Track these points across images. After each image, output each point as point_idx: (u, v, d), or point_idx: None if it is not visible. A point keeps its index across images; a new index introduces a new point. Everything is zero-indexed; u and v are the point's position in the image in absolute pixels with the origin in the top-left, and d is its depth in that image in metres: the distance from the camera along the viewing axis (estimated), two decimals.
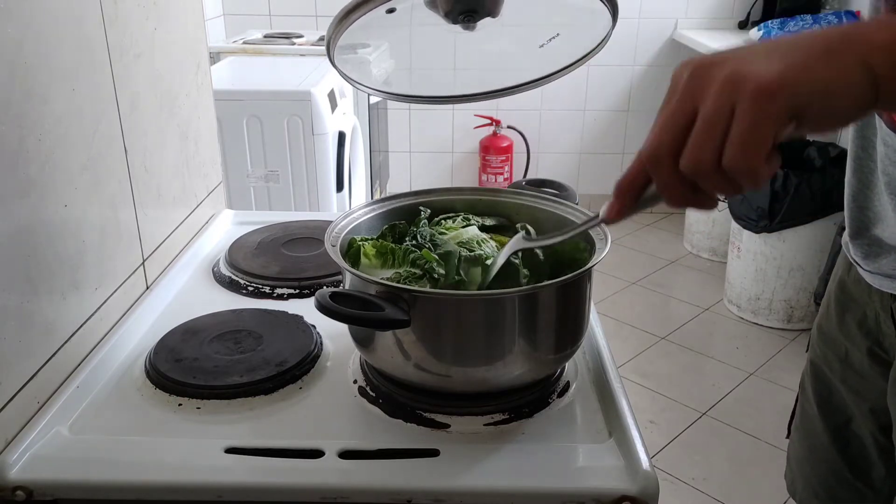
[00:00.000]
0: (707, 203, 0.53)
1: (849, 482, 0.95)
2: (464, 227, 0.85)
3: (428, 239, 0.82)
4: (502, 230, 0.88)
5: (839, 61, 0.47)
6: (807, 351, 1.02)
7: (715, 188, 0.50)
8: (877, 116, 0.78)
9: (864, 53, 0.47)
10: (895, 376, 0.82)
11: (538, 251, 0.81)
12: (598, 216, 0.63)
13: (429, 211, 0.88)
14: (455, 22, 0.82)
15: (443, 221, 0.87)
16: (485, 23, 0.84)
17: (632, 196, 0.56)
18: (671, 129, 0.50)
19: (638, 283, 3.08)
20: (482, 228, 0.86)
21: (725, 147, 0.47)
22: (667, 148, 0.50)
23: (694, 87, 0.49)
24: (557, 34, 0.82)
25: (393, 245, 0.82)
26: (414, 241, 0.82)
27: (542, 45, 0.82)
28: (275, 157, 2.07)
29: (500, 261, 0.77)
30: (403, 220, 0.88)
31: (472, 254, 0.79)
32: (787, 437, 1.08)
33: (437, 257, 0.78)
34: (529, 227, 0.85)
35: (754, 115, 0.46)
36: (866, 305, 0.87)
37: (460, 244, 0.81)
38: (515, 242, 0.78)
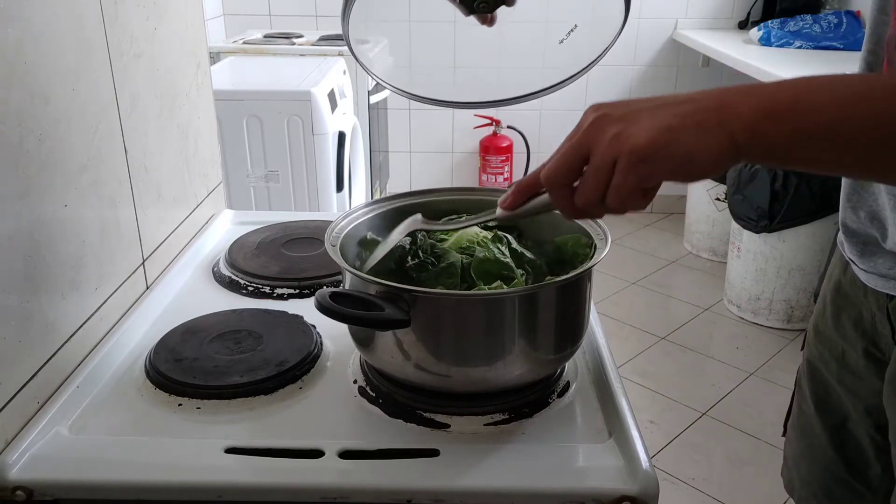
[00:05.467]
0: (595, 217, 0.66)
1: (846, 481, 0.96)
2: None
3: (429, 252, 0.82)
4: (504, 228, 0.88)
5: (707, 134, 0.56)
6: (802, 349, 1.02)
7: (601, 214, 0.63)
8: None
9: (730, 127, 0.55)
10: (891, 376, 0.82)
11: (528, 251, 0.82)
12: (495, 212, 0.71)
13: (423, 232, 0.87)
14: (471, 12, 0.81)
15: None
16: (499, 23, 0.83)
17: (525, 195, 0.67)
18: (567, 164, 0.60)
19: (638, 283, 3.08)
20: (483, 228, 0.86)
21: (607, 193, 0.59)
22: (562, 178, 0.61)
23: (591, 134, 0.59)
24: (576, 26, 0.82)
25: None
26: (417, 261, 0.81)
27: (562, 41, 0.82)
28: (275, 157, 2.07)
29: (395, 238, 0.80)
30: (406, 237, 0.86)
31: (472, 258, 0.79)
32: (784, 435, 1.08)
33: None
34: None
35: (626, 172, 0.57)
36: (862, 305, 0.87)
37: (461, 250, 0.81)
38: (411, 223, 0.82)
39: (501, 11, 0.83)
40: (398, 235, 0.81)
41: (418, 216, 0.84)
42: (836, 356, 0.92)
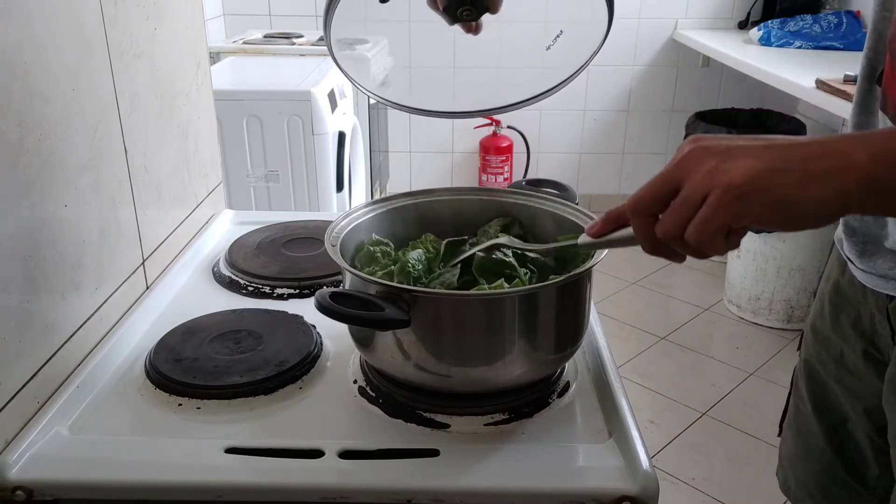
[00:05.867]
0: (674, 258, 0.61)
1: (843, 481, 0.95)
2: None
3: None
4: (505, 229, 0.88)
5: (813, 182, 0.53)
6: (798, 350, 1.02)
7: (680, 251, 0.59)
8: (880, 112, 0.78)
9: (842, 177, 0.53)
10: (891, 377, 0.82)
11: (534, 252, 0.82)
12: (577, 239, 0.70)
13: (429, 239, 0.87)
14: (455, 21, 0.82)
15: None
16: (486, 31, 0.83)
17: (613, 225, 0.65)
18: (655, 193, 0.58)
19: (638, 283, 3.08)
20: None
21: (688, 226, 0.56)
22: (647, 207, 0.58)
23: (686, 165, 0.56)
24: (561, 31, 0.82)
25: None
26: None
27: (548, 47, 0.82)
28: (275, 157, 2.07)
29: (481, 248, 0.79)
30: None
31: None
32: (779, 435, 1.08)
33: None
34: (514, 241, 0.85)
35: (716, 208, 0.54)
36: (861, 306, 0.87)
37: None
38: (499, 239, 0.81)
39: (489, 19, 0.83)
40: (478, 248, 0.80)
41: (506, 238, 0.83)
42: (835, 357, 0.92)
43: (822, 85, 2.17)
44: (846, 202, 0.54)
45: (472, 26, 0.83)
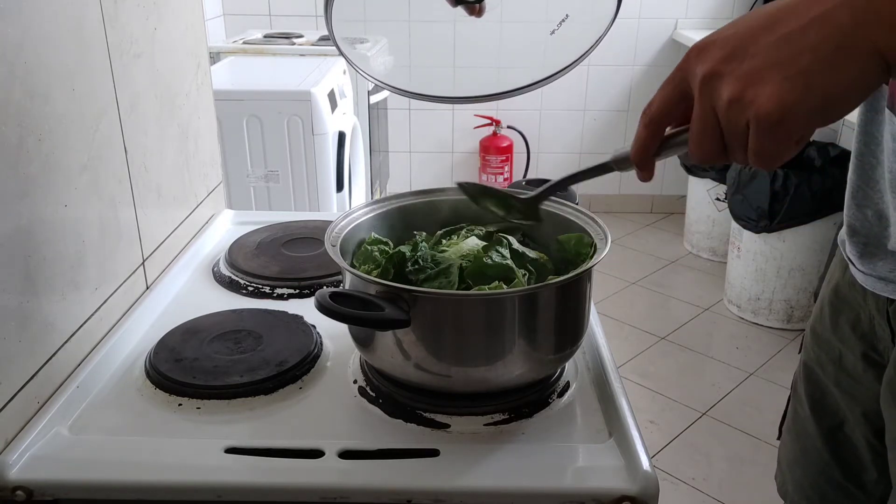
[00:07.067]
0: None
1: (840, 485, 0.95)
2: (465, 239, 0.85)
3: (429, 260, 0.81)
4: (508, 231, 0.88)
5: (847, 64, 0.47)
6: (799, 352, 1.02)
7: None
8: (887, 111, 0.78)
9: (875, 41, 0.46)
10: (889, 379, 0.82)
11: (530, 251, 0.82)
12: (618, 157, 0.64)
13: (424, 234, 0.87)
14: (458, 3, 0.81)
15: (443, 240, 0.87)
16: (489, 16, 0.83)
17: (661, 129, 0.58)
18: (709, 140, 0.54)
19: (638, 283, 3.08)
20: (486, 235, 0.86)
21: (749, 157, 0.52)
22: (715, 154, 0.55)
23: (709, 100, 0.52)
24: (567, 15, 0.82)
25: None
26: (416, 266, 0.80)
27: (553, 32, 0.82)
28: (275, 157, 2.07)
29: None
30: (405, 241, 0.86)
31: (472, 262, 0.79)
32: (779, 438, 1.08)
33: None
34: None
35: (763, 140, 0.50)
36: (860, 308, 0.87)
37: (462, 257, 0.81)
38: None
39: (492, 2, 0.83)
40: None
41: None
42: (834, 359, 0.92)
43: None
44: (885, 68, 0.47)
45: (475, 8, 0.82)
